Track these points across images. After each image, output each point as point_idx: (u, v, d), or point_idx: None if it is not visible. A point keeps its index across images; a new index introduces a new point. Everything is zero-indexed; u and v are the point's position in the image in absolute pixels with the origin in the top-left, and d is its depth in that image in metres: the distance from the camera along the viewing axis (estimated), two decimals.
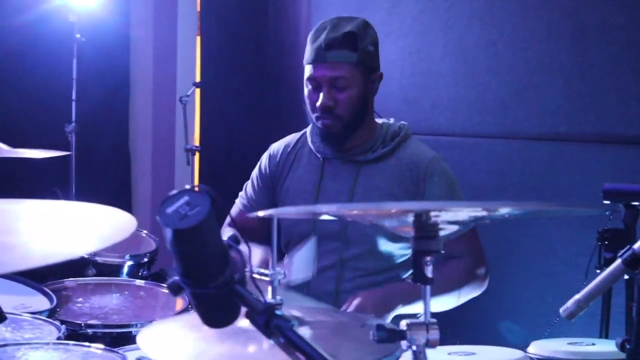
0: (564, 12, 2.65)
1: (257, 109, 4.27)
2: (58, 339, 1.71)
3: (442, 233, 1.16)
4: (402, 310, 1.97)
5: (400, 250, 2.10)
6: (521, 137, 2.80)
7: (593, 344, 1.62)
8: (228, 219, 2.40)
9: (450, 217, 1.12)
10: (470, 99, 2.92)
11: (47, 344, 1.60)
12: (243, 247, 1.08)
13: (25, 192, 3.30)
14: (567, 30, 2.65)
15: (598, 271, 2.05)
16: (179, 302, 2.23)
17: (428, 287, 1.15)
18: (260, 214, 1.28)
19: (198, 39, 4.71)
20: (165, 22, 4.73)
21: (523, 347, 1.65)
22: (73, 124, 3.74)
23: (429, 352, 1.57)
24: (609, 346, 1.64)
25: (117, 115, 4.54)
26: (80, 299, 2.45)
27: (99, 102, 4.27)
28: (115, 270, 2.67)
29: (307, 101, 2.14)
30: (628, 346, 1.34)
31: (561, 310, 1.43)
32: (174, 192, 0.99)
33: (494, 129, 2.87)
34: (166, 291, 2.27)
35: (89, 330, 2.14)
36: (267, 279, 1.38)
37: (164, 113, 4.73)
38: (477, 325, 2.70)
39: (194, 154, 4.32)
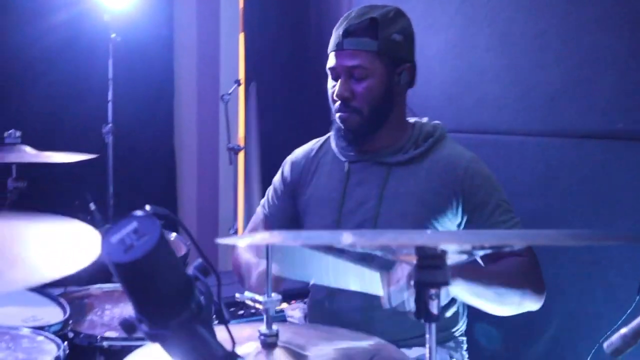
0: None
1: (300, 106, 4.14)
2: (56, 358, 1.61)
3: (450, 262, 1.00)
4: (459, 289, 1.72)
5: None
6: (572, 135, 2.57)
7: None
8: (249, 226, 2.28)
9: (456, 248, 0.96)
10: (516, 94, 2.71)
11: None
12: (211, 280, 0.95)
13: (56, 196, 3.25)
14: (621, 18, 2.42)
15: None
16: None
17: (433, 325, 0.99)
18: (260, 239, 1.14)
19: (241, 36, 4.62)
20: (208, 20, 4.67)
21: None
22: (110, 125, 3.68)
23: None
24: None
25: (161, 115, 4.49)
26: (103, 307, 2.37)
27: (140, 102, 4.22)
28: None
29: (328, 93, 1.99)
30: None
31: (605, 345, 1.26)
32: (124, 217, 0.86)
33: (542, 126, 2.66)
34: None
35: (105, 344, 2.05)
36: (260, 306, 1.24)
37: (208, 112, 4.67)
38: (538, 344, 2.51)
39: (236, 153, 4.23)
